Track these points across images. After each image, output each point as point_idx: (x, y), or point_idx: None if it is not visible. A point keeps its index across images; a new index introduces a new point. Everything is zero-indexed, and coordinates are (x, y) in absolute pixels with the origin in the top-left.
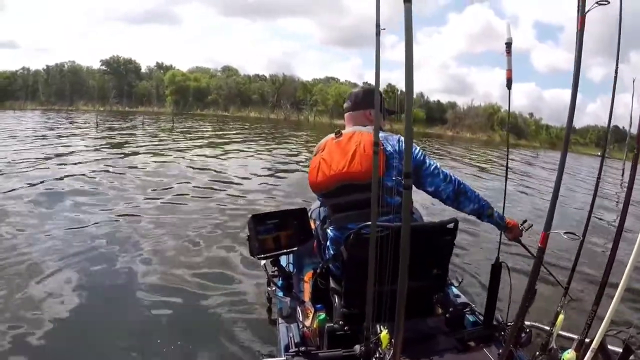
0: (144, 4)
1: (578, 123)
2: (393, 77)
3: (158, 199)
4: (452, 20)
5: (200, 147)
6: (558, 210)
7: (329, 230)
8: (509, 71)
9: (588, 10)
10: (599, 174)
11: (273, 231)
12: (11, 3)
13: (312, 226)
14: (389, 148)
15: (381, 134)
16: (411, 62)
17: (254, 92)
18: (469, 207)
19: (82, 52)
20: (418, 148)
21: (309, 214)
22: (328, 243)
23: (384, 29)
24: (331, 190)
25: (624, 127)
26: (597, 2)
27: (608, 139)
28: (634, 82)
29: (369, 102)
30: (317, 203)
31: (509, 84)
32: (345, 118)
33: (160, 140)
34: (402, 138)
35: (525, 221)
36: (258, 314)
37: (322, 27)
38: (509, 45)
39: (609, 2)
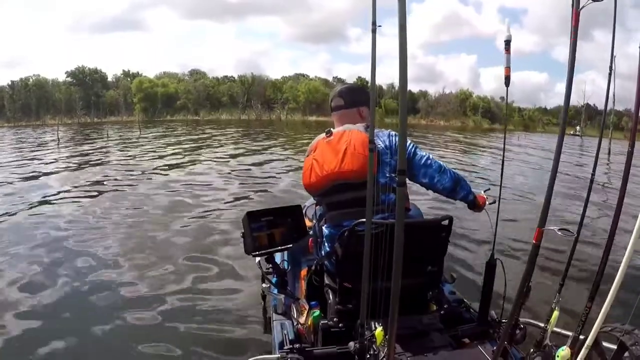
0: (108, 12)
1: (549, 103)
2: (361, 69)
3: (142, 201)
4: (415, 10)
5: (169, 154)
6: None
7: (324, 228)
8: (507, 69)
9: (582, 7)
10: (594, 170)
11: (267, 228)
12: None
13: (307, 223)
14: (380, 144)
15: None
16: (405, 58)
17: (224, 94)
18: (461, 194)
19: (47, 65)
20: (409, 140)
21: (304, 212)
22: (324, 240)
23: (380, 25)
24: (325, 190)
25: (594, 105)
26: None
27: (603, 122)
28: (613, 58)
29: (361, 99)
30: (312, 200)
31: (507, 82)
32: (334, 117)
33: (125, 151)
34: (393, 133)
35: (488, 189)
36: (252, 311)
37: (289, 24)
38: (507, 42)
39: None
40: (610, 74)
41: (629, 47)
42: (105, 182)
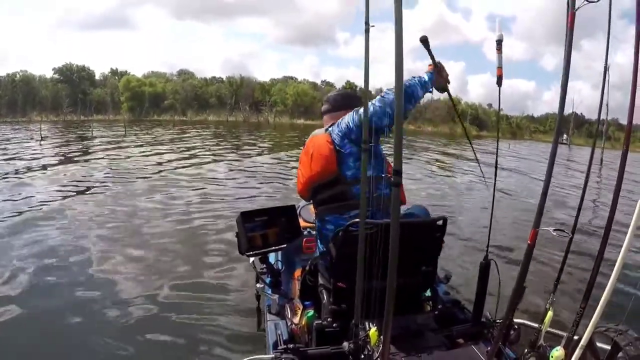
0: (97, 10)
1: (536, 111)
2: (349, 73)
3: (133, 201)
4: (405, 15)
5: (158, 154)
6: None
7: (317, 224)
8: (500, 69)
9: (578, 8)
10: (588, 172)
11: (261, 228)
12: None
13: (301, 223)
14: (335, 137)
15: (329, 128)
16: (401, 60)
17: (212, 95)
18: (412, 103)
19: (34, 61)
20: (344, 123)
21: (298, 212)
22: (319, 239)
23: (373, 25)
24: (310, 194)
25: (582, 114)
26: (586, 0)
27: (596, 133)
28: (605, 67)
29: (348, 104)
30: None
31: (499, 82)
32: (323, 120)
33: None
34: (349, 113)
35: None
36: (246, 311)
37: (277, 26)
38: (499, 42)
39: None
40: (603, 86)
41: (616, 56)
42: (94, 183)
